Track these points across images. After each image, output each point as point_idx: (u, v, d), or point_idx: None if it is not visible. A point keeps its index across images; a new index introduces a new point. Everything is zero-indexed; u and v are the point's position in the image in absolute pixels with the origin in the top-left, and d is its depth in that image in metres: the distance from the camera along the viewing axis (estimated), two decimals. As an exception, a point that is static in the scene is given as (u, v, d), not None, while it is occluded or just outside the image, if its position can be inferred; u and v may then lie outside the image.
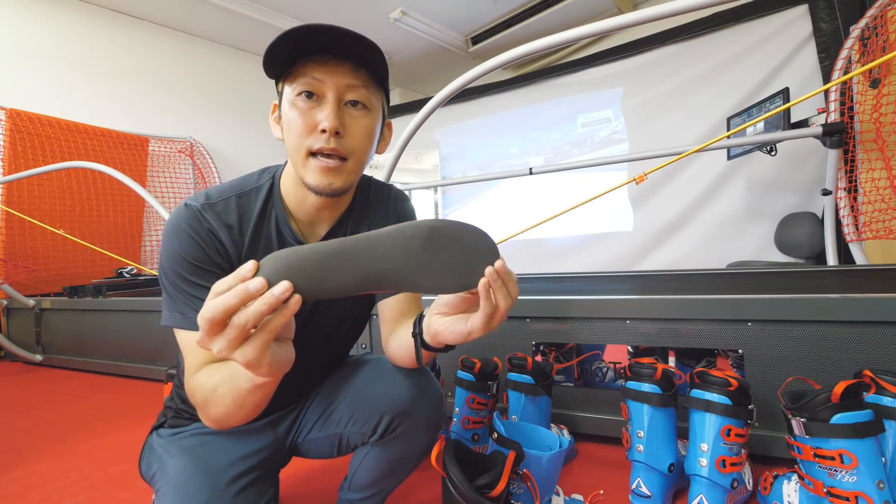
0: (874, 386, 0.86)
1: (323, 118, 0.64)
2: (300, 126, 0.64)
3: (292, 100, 0.65)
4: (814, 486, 0.80)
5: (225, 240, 0.67)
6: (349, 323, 0.85)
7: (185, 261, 0.64)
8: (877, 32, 2.41)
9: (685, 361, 1.19)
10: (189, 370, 0.63)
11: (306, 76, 0.64)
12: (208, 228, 0.66)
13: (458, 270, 0.52)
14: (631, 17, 1.20)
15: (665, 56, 3.78)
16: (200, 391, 0.60)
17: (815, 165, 2.98)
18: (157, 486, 0.73)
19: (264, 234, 0.71)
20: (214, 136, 4.39)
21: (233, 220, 0.68)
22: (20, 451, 1.44)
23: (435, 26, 4.50)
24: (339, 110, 0.65)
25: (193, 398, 0.62)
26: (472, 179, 4.43)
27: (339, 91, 0.65)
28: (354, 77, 0.65)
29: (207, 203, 0.68)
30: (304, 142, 0.65)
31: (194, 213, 0.66)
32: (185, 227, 0.65)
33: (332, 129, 0.63)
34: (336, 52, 0.64)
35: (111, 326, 2.38)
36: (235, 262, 0.68)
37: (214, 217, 0.67)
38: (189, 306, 0.65)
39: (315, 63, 0.64)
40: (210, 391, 0.58)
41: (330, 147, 0.64)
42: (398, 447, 0.81)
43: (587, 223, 4.00)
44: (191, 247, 0.65)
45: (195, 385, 0.61)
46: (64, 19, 3.57)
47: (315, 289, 0.47)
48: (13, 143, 3.12)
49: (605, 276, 2.23)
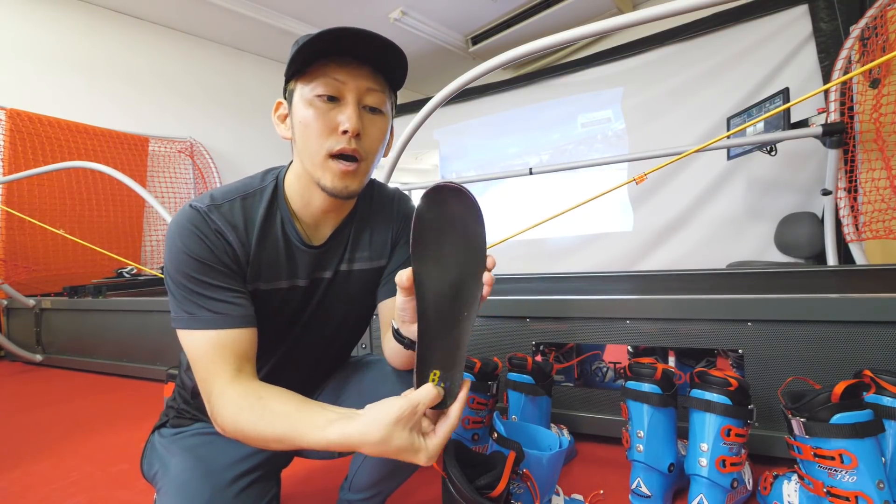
0: (874, 386, 0.86)
1: (345, 119, 0.64)
2: (319, 127, 0.64)
3: (310, 99, 0.65)
4: (814, 486, 0.80)
5: (232, 240, 0.67)
6: (351, 323, 0.85)
7: (193, 260, 0.64)
8: (877, 32, 2.41)
9: (685, 361, 1.19)
10: (202, 373, 0.62)
11: (327, 77, 0.64)
12: (215, 229, 0.66)
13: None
14: (631, 17, 1.20)
15: (665, 56, 3.78)
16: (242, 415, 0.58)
17: (815, 165, 2.98)
18: (159, 486, 0.73)
19: (270, 236, 0.71)
20: (214, 136, 4.40)
21: (238, 222, 0.68)
22: (20, 451, 1.44)
23: (435, 26, 4.50)
24: (359, 113, 0.65)
25: (221, 412, 0.60)
26: (472, 179, 4.41)
27: (359, 94, 0.65)
28: (374, 81, 0.66)
29: (213, 204, 0.67)
30: (324, 143, 0.65)
31: (200, 214, 0.66)
32: (191, 227, 0.65)
33: (354, 130, 0.64)
34: (360, 56, 0.64)
35: (111, 326, 2.38)
36: (243, 263, 0.68)
37: (220, 218, 0.67)
38: (197, 305, 0.64)
39: (337, 64, 0.64)
40: (269, 433, 0.56)
41: (351, 148, 0.64)
42: None
43: (587, 223, 4.00)
44: (198, 247, 0.64)
45: (242, 427, 0.58)
46: (64, 19, 3.57)
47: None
48: (13, 143, 3.12)
49: (605, 276, 2.23)
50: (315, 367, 0.87)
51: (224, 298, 0.65)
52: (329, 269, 0.77)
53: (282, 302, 0.74)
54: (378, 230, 0.80)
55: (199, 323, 0.64)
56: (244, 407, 0.58)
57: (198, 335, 0.64)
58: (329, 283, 0.77)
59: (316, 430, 0.54)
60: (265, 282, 0.71)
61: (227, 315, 0.64)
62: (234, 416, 0.58)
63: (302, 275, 0.74)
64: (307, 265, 0.74)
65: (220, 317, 0.64)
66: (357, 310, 0.84)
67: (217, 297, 0.65)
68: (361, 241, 0.79)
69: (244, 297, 0.68)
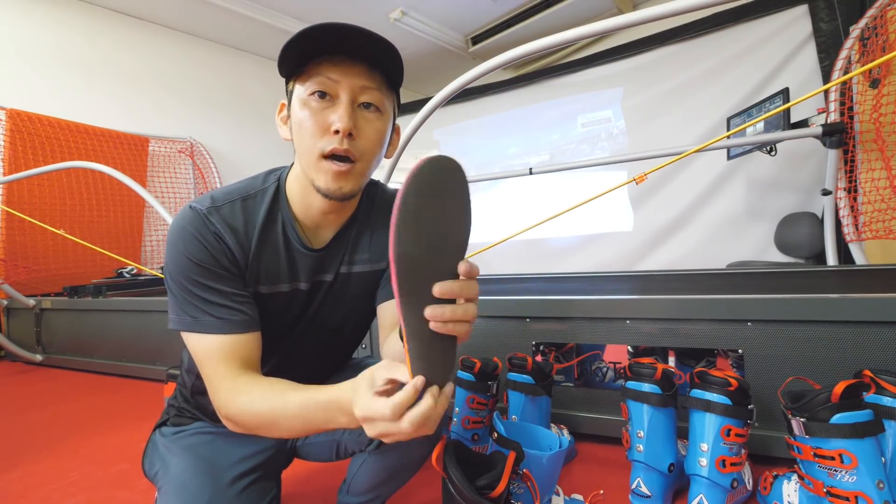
0: (874, 386, 0.86)
1: (336, 119, 0.62)
2: (312, 126, 0.63)
3: (304, 99, 0.64)
4: (814, 486, 0.80)
5: (231, 243, 0.66)
6: (350, 326, 0.85)
7: (193, 263, 0.64)
8: (877, 32, 2.41)
9: (685, 361, 1.19)
10: (209, 373, 0.63)
11: (320, 75, 0.63)
12: (214, 232, 0.65)
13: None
14: (631, 17, 1.20)
15: (665, 56, 3.77)
16: (249, 407, 0.59)
17: (814, 165, 2.98)
18: (160, 485, 0.73)
19: (271, 238, 0.70)
20: (214, 136, 4.39)
21: (238, 224, 0.68)
22: (20, 451, 1.44)
23: (435, 26, 4.50)
24: (352, 111, 0.64)
25: (228, 407, 0.61)
26: (472, 179, 4.38)
27: (353, 92, 0.64)
28: (369, 79, 0.64)
29: (213, 206, 0.67)
30: (316, 143, 0.63)
31: (200, 216, 0.65)
32: (191, 230, 0.64)
33: (345, 129, 0.62)
34: (351, 53, 0.63)
35: (111, 326, 2.38)
36: (242, 266, 0.68)
37: (220, 220, 0.66)
38: (199, 309, 0.64)
39: (330, 63, 0.63)
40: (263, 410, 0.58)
41: (343, 148, 0.63)
42: (395, 456, 0.80)
43: (587, 223, 4.00)
44: (197, 250, 0.64)
45: (256, 409, 0.59)
46: (64, 19, 3.57)
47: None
48: (13, 143, 3.12)
49: (605, 276, 2.23)
50: (315, 369, 0.86)
51: (227, 303, 0.65)
52: (330, 272, 0.76)
53: (283, 305, 0.74)
54: (378, 232, 0.79)
55: (203, 328, 0.64)
56: (256, 393, 0.60)
57: (204, 339, 0.64)
58: (330, 286, 0.77)
59: (321, 391, 0.57)
60: (265, 285, 0.71)
61: (231, 321, 0.64)
62: (246, 404, 0.60)
63: (303, 278, 0.74)
64: (308, 268, 0.73)
65: (224, 322, 0.64)
66: (357, 312, 0.83)
67: (220, 301, 0.65)
68: (361, 243, 0.78)
69: (247, 300, 0.68)
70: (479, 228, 3.33)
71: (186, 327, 0.64)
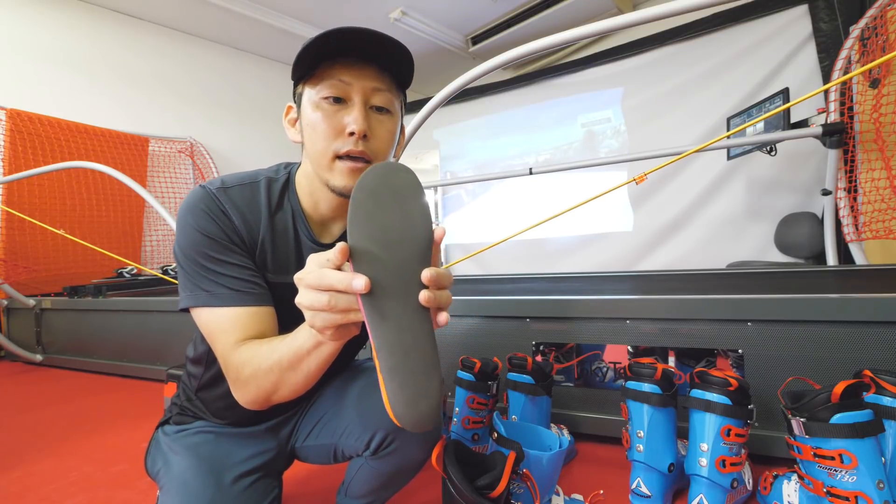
0: (874, 386, 0.86)
1: (351, 121, 0.63)
2: (326, 129, 0.64)
3: (317, 102, 0.65)
4: (814, 485, 0.80)
5: (238, 223, 0.67)
6: None
7: (205, 237, 0.65)
8: (877, 32, 2.41)
9: (685, 361, 1.19)
10: (225, 347, 0.62)
11: (333, 78, 0.64)
12: (222, 210, 0.66)
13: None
14: (631, 17, 1.20)
15: (665, 56, 3.78)
16: (252, 361, 0.59)
17: (815, 165, 2.98)
18: (162, 483, 0.73)
19: (280, 225, 0.71)
20: (214, 136, 4.39)
21: (244, 206, 0.69)
22: (20, 451, 1.44)
23: (435, 26, 4.49)
24: (366, 113, 0.65)
25: (240, 373, 0.60)
26: (472, 179, 4.43)
27: (365, 94, 0.65)
28: (380, 81, 0.66)
29: (223, 187, 0.68)
30: (330, 145, 0.64)
31: (209, 194, 0.67)
32: (201, 206, 0.66)
33: (360, 132, 0.63)
34: (362, 55, 0.64)
35: (111, 326, 2.38)
36: (251, 247, 0.68)
37: (228, 201, 0.67)
38: (214, 282, 0.64)
39: (342, 65, 0.64)
40: (266, 358, 0.58)
41: (358, 150, 0.64)
42: (393, 461, 0.80)
43: (587, 223, 4.01)
44: (209, 223, 0.65)
45: (245, 357, 0.60)
46: (64, 19, 3.57)
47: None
48: (13, 143, 3.12)
49: (605, 276, 2.23)
50: None
51: (241, 276, 0.65)
52: None
53: (289, 297, 0.74)
54: None
55: (218, 300, 0.63)
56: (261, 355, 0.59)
57: (218, 313, 0.63)
58: None
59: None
60: (273, 273, 0.71)
61: (246, 293, 0.65)
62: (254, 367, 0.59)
63: None
64: None
65: (239, 294, 0.64)
66: None
67: (233, 274, 0.65)
68: None
69: (259, 277, 0.68)
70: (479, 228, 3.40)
71: (201, 302, 0.64)
